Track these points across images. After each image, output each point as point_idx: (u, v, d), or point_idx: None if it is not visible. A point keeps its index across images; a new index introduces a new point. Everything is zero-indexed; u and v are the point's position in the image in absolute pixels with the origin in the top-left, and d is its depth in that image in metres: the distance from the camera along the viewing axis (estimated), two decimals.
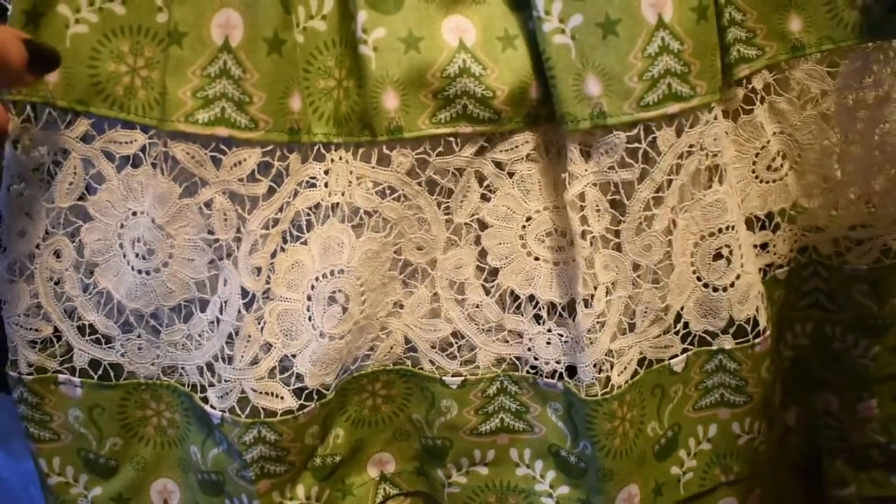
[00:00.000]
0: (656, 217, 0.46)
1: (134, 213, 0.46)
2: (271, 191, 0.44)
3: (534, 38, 0.43)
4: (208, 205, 0.44)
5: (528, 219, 0.47)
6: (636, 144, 0.44)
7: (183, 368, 0.49)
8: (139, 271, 0.46)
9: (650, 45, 0.42)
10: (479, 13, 0.44)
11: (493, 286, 0.48)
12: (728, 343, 0.50)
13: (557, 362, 0.49)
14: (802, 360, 0.58)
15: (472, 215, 0.47)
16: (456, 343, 0.49)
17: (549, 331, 0.48)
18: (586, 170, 0.44)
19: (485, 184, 0.47)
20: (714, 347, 0.50)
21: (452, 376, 0.50)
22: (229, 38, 0.41)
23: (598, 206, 0.45)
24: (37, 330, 0.49)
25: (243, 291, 0.45)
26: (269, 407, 0.46)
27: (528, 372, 0.50)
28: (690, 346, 0.50)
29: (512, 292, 0.48)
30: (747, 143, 0.49)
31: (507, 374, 0.50)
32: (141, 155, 0.45)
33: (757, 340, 0.49)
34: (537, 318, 0.49)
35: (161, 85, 0.42)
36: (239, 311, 0.45)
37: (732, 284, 0.48)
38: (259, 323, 0.45)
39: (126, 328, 0.49)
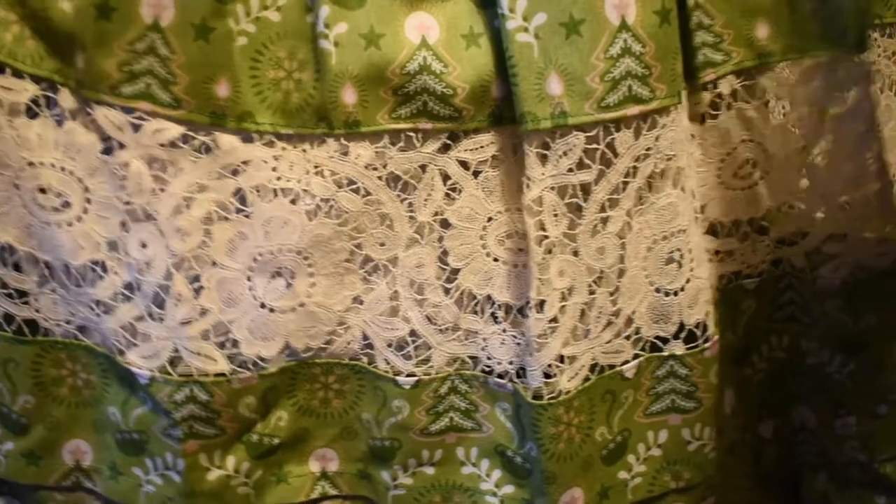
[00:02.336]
0: (611, 219, 0.46)
1: (31, 164, 0.46)
2: (196, 159, 0.45)
3: (499, 36, 0.44)
4: (124, 167, 0.45)
5: (490, 219, 0.47)
6: (595, 145, 0.44)
7: (96, 330, 0.49)
8: (47, 223, 0.46)
9: (613, 47, 0.42)
10: (444, 10, 0.44)
11: (452, 287, 0.48)
12: (679, 349, 0.50)
13: (510, 363, 0.49)
14: (779, 372, 0.58)
15: (436, 214, 0.47)
16: (413, 343, 0.49)
17: (504, 331, 0.49)
18: (543, 173, 0.44)
19: (449, 183, 0.47)
20: (665, 353, 0.50)
21: (407, 376, 0.50)
22: (159, 19, 0.42)
23: (555, 210, 0.45)
24: None
25: (170, 252, 0.46)
26: (201, 367, 0.47)
27: (480, 371, 0.50)
28: (642, 352, 0.50)
29: (470, 292, 0.49)
30: (713, 147, 0.49)
31: (459, 372, 0.50)
32: (33, 106, 0.45)
33: (706, 345, 0.50)
34: (493, 317, 0.49)
35: (84, 56, 0.43)
36: (167, 271, 0.46)
37: (683, 289, 0.49)
38: (192, 284, 0.46)
39: (41, 282, 0.48)
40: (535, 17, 0.42)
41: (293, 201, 0.46)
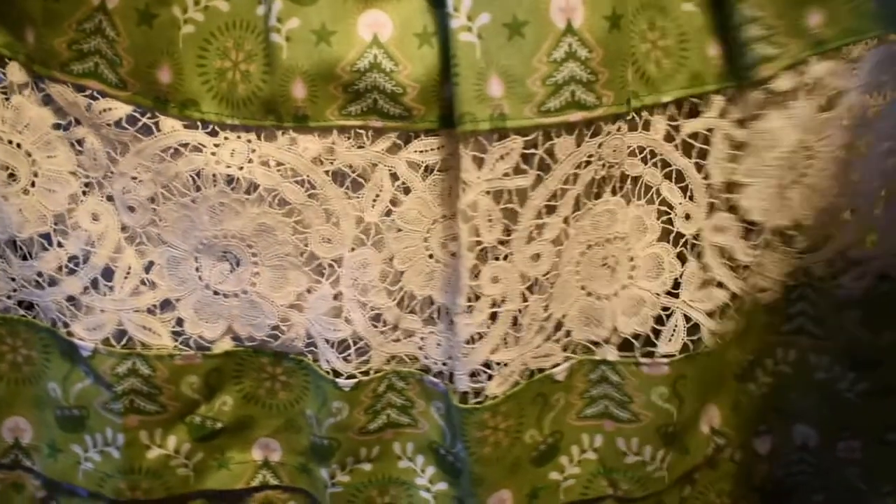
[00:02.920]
0: (547, 226, 0.45)
1: None
2: (140, 140, 0.46)
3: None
4: (80, 142, 0.46)
5: (434, 222, 0.47)
6: (532, 150, 0.44)
7: (37, 305, 0.50)
8: None
9: (556, 50, 0.41)
10: (398, 9, 0.44)
11: (396, 289, 0.49)
12: (611, 355, 0.50)
13: (444, 364, 0.49)
14: (782, 388, 0.56)
15: (383, 216, 0.47)
16: (354, 346, 0.49)
17: (441, 332, 0.49)
18: (479, 177, 0.44)
19: (397, 184, 0.47)
20: (597, 357, 0.50)
21: (346, 378, 0.50)
22: (106, 1, 0.43)
23: (490, 215, 0.44)
24: None
25: (122, 226, 0.48)
26: (145, 340, 0.49)
27: (417, 369, 0.50)
28: (573, 355, 0.50)
29: (411, 293, 0.49)
30: (765, 152, 0.46)
31: (396, 370, 0.51)
32: None
33: (644, 360, 0.49)
34: (431, 318, 0.49)
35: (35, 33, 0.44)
36: (119, 245, 0.48)
37: (616, 294, 0.48)
38: (141, 258, 0.48)
39: None
40: (478, 17, 0.42)
41: (238, 189, 0.46)
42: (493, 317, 0.46)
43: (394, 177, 0.46)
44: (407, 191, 0.46)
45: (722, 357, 0.51)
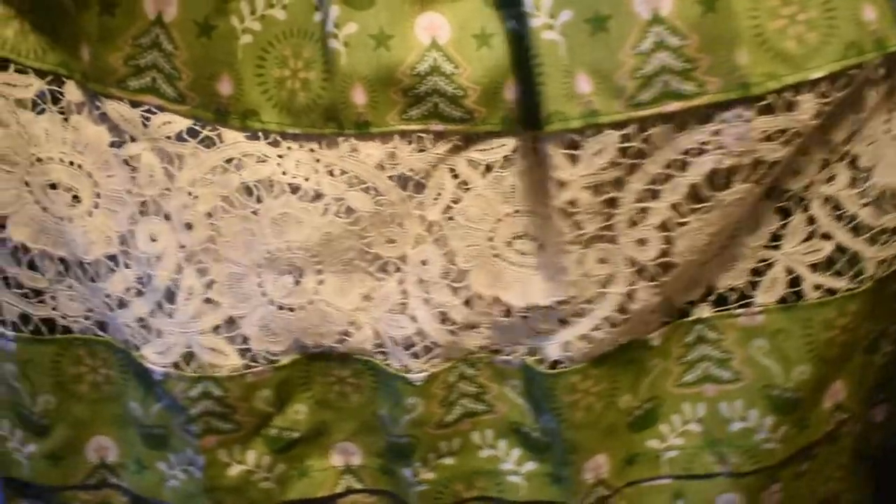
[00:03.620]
0: (651, 211, 0.44)
1: (39, 160, 0.46)
2: (201, 153, 0.45)
3: (513, 37, 0.43)
4: (135, 159, 0.46)
5: (499, 220, 0.47)
6: (629, 143, 0.42)
7: (114, 326, 0.50)
8: (60, 219, 0.47)
9: (643, 42, 0.40)
10: (454, 10, 0.43)
11: (461, 286, 0.48)
12: (706, 311, 0.49)
13: (518, 343, 0.49)
14: None
15: (444, 213, 0.47)
16: (421, 342, 0.49)
17: (509, 321, 0.48)
18: (574, 173, 0.43)
19: (458, 182, 0.46)
20: (692, 318, 0.49)
21: (417, 373, 0.49)
22: (163, 14, 0.42)
23: (591, 209, 0.44)
24: None
25: (181, 245, 0.47)
26: (214, 362, 0.49)
27: (483, 352, 0.50)
28: (668, 319, 0.49)
29: (479, 293, 0.48)
30: None
31: (465, 358, 0.50)
32: (39, 101, 0.45)
33: (740, 311, 0.48)
34: (497, 315, 0.48)
35: (91, 50, 0.43)
36: (178, 266, 0.47)
37: (716, 255, 0.47)
38: (202, 277, 0.48)
39: (57, 278, 0.49)
40: (560, 15, 0.41)
41: (303, 199, 0.46)
42: (599, 297, 0.45)
43: (454, 175, 0.46)
44: (468, 189, 0.46)
45: (834, 322, 0.48)
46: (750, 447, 0.50)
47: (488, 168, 0.45)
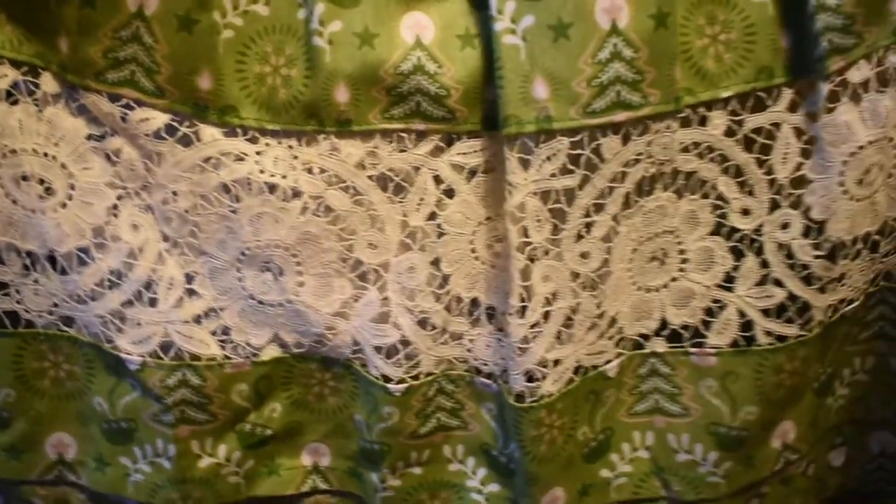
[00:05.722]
0: (596, 224, 0.46)
1: (13, 151, 0.46)
2: (179, 151, 0.45)
3: (492, 39, 0.43)
4: (117, 153, 0.46)
5: (480, 224, 0.47)
6: (579, 151, 0.43)
7: (79, 320, 0.50)
8: (32, 211, 0.46)
9: (601, 51, 0.41)
10: (440, 10, 0.44)
11: (443, 292, 0.48)
12: (660, 346, 0.50)
13: (496, 364, 0.49)
14: (859, 397, 0.55)
15: (428, 220, 0.47)
16: (403, 350, 0.49)
17: (490, 334, 0.49)
18: (526, 178, 0.43)
19: (441, 187, 0.47)
20: (646, 351, 0.50)
21: (397, 383, 0.49)
22: (144, 7, 0.42)
23: (538, 216, 0.44)
24: None
25: (164, 237, 0.47)
26: (194, 351, 0.49)
27: (466, 371, 0.50)
28: (624, 351, 0.50)
29: (458, 296, 0.49)
30: (831, 147, 0.44)
31: (446, 373, 0.51)
32: (13, 92, 0.45)
33: (693, 350, 0.49)
34: (479, 320, 0.49)
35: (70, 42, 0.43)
36: (160, 255, 0.47)
37: (666, 286, 0.48)
38: (184, 268, 0.48)
39: (23, 272, 0.49)
40: (523, 20, 0.41)
41: (281, 197, 0.46)
42: (546, 316, 0.46)
43: (437, 180, 0.46)
44: (451, 194, 0.46)
45: (783, 367, 0.49)
46: (693, 479, 0.51)
47: (471, 172, 0.46)
